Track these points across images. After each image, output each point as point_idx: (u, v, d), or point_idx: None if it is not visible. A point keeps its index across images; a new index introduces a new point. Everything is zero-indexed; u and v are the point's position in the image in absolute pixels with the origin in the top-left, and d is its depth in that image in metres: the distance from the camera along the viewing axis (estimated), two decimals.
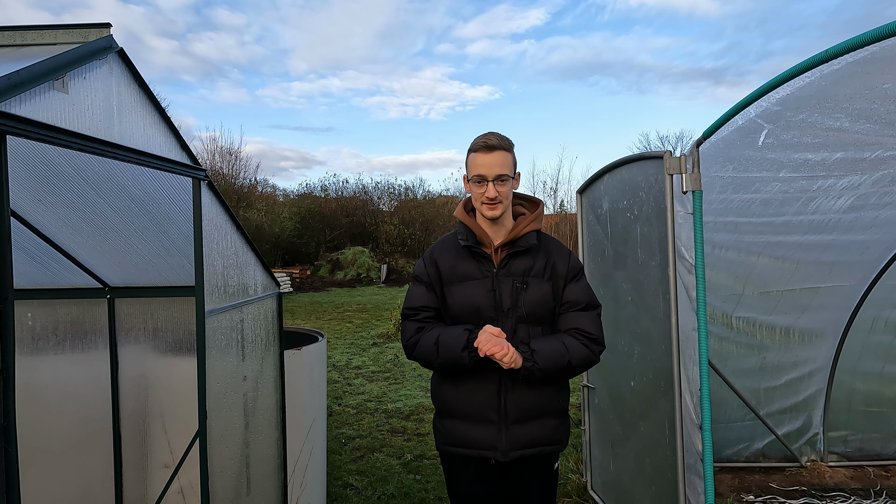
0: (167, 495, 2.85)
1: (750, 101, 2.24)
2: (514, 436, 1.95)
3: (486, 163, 1.91)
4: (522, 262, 1.99)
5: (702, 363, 2.50)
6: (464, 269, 2.00)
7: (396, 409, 6.01)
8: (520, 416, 1.96)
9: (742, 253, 3.69)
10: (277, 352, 2.93)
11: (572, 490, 3.84)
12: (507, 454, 1.95)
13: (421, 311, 2.02)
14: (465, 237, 2.01)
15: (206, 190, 2.15)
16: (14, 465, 1.19)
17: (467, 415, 1.98)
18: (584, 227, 3.64)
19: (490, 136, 1.93)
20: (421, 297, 2.03)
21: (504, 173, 1.91)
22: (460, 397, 1.99)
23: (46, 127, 1.33)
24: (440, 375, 2.07)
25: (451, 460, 2.08)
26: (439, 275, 2.02)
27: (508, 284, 1.96)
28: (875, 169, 2.87)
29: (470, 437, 1.98)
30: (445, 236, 2.13)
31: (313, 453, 3.38)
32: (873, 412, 4.26)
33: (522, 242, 1.99)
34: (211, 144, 23.61)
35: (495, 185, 1.91)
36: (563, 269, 2.01)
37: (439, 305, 2.04)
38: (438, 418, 2.09)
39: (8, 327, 1.18)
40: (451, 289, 2.01)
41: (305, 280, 19.53)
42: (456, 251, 2.03)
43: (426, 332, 1.97)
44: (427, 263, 2.05)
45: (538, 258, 2.00)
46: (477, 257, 2.00)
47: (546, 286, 1.98)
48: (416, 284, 2.07)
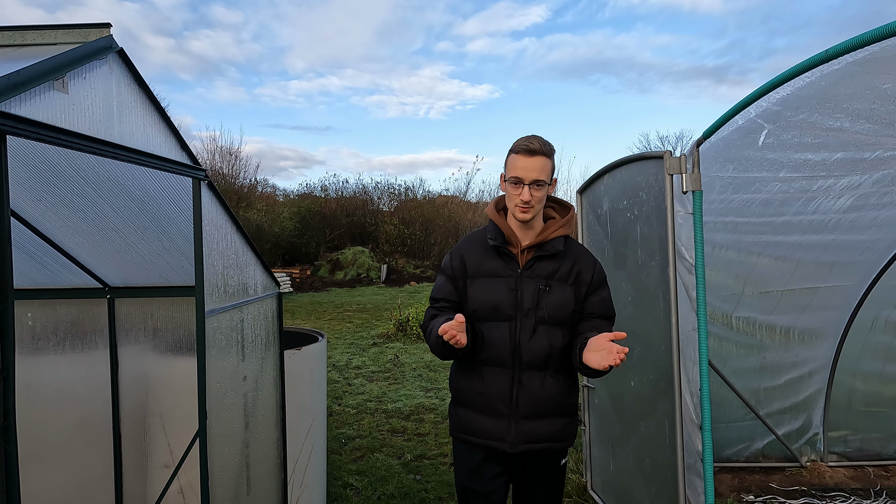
0: (167, 495, 2.84)
1: (750, 101, 2.24)
2: (523, 430, 2.00)
3: (526, 166, 1.93)
4: (548, 266, 2.02)
5: (702, 363, 2.50)
6: (489, 265, 2.05)
7: (396, 409, 6.01)
8: (530, 411, 2.00)
9: (742, 253, 3.69)
10: (277, 352, 2.93)
11: (572, 490, 3.84)
12: (515, 447, 2.01)
13: (440, 300, 2.10)
14: (493, 236, 2.05)
15: (206, 190, 2.15)
16: (14, 465, 1.19)
17: (479, 406, 2.05)
18: (584, 227, 3.64)
19: (533, 140, 1.95)
20: (441, 289, 2.11)
21: (541, 179, 1.94)
22: (474, 388, 2.05)
23: (46, 127, 1.33)
24: (457, 364, 2.15)
25: (461, 447, 2.16)
26: (465, 269, 2.08)
27: (532, 286, 2.00)
28: (875, 169, 2.87)
29: (481, 427, 2.05)
30: (474, 232, 2.18)
31: (313, 453, 3.38)
32: (873, 412, 4.26)
33: (549, 247, 2.02)
34: (211, 144, 23.62)
35: (531, 190, 1.93)
36: (587, 276, 2.05)
37: (458, 299, 2.09)
38: (453, 406, 2.18)
39: (8, 327, 1.18)
40: (474, 283, 2.06)
41: (305, 280, 19.53)
42: (484, 248, 2.08)
43: (434, 320, 2.04)
44: (453, 257, 2.12)
45: (564, 263, 2.04)
46: (503, 256, 2.05)
47: (569, 290, 2.02)
48: (441, 276, 2.15)
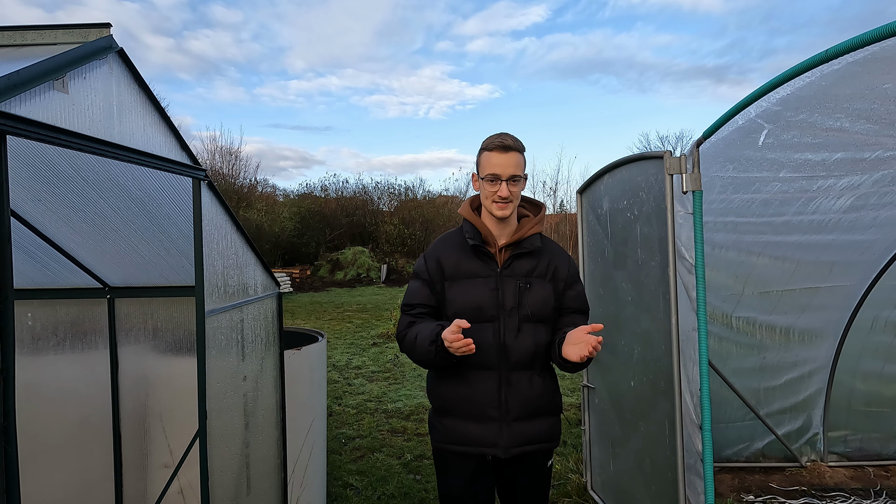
0: (167, 495, 2.84)
1: (750, 101, 2.24)
2: (516, 433, 1.97)
3: (501, 162, 1.94)
4: (526, 264, 2.02)
5: (702, 363, 2.50)
6: (468, 266, 2.02)
7: (396, 409, 6.01)
8: (521, 412, 1.98)
9: (742, 253, 3.69)
10: (277, 352, 2.93)
11: (572, 490, 3.84)
12: (508, 451, 1.97)
13: (417, 307, 2.04)
14: (472, 235, 2.03)
15: (206, 190, 2.15)
16: (14, 465, 1.19)
17: (467, 412, 1.99)
18: (584, 227, 3.64)
19: (506, 137, 1.97)
20: (417, 294, 2.04)
21: (517, 174, 1.96)
22: (460, 394, 1.99)
23: (46, 127, 1.33)
24: (437, 373, 2.07)
25: (446, 458, 2.08)
26: (441, 272, 2.03)
27: (512, 284, 1.99)
28: (875, 169, 2.87)
29: (471, 434, 1.98)
30: (448, 233, 2.14)
31: (313, 453, 3.38)
32: (873, 412, 4.26)
33: (527, 244, 2.02)
34: (211, 144, 23.63)
35: (508, 185, 1.94)
36: (563, 272, 2.07)
37: (436, 303, 2.04)
38: (436, 416, 2.09)
39: (8, 327, 1.18)
40: (453, 285, 2.02)
41: (305, 280, 19.53)
42: (461, 249, 2.05)
43: (413, 328, 1.98)
44: (428, 260, 2.06)
45: (541, 260, 2.04)
46: (482, 256, 2.02)
47: (548, 287, 2.03)
48: (416, 280, 2.08)
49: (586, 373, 3.69)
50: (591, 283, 3.53)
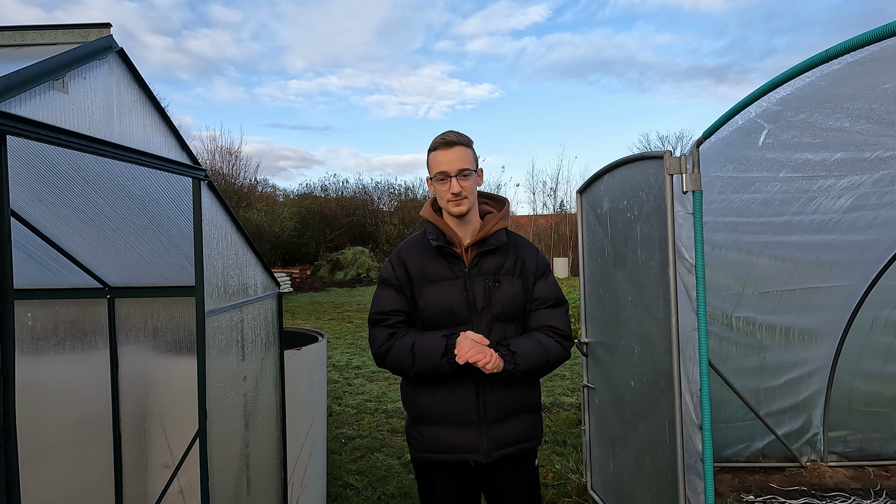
0: (167, 495, 2.85)
1: (750, 101, 2.24)
2: (495, 436, 1.94)
3: (448, 158, 1.90)
4: (493, 261, 1.98)
5: (702, 363, 2.50)
6: (435, 269, 1.97)
7: (396, 409, 6.01)
8: (499, 415, 1.94)
9: (742, 253, 3.69)
10: (277, 352, 2.93)
11: (572, 490, 3.84)
12: (490, 455, 1.93)
13: (391, 315, 1.97)
14: (435, 237, 1.97)
15: (206, 190, 2.15)
16: (14, 465, 1.19)
17: (446, 419, 1.94)
18: (584, 227, 3.64)
19: (448, 134, 1.94)
20: (390, 301, 1.97)
21: (466, 167, 1.90)
22: (437, 401, 1.95)
23: (46, 127, 1.33)
24: (413, 381, 2.01)
25: (426, 468, 2.04)
26: (409, 277, 1.98)
27: (481, 283, 1.95)
28: (875, 169, 2.87)
29: (450, 441, 1.94)
30: (412, 237, 2.10)
31: (313, 453, 3.38)
32: (873, 412, 4.26)
33: (492, 241, 1.98)
34: (210, 144, 23.66)
35: (458, 180, 1.90)
36: (532, 266, 2.02)
37: (409, 309, 1.99)
38: (413, 425, 2.03)
39: (8, 327, 1.18)
40: (422, 290, 1.97)
41: (305, 280, 19.53)
42: (425, 252, 2.00)
43: (399, 339, 1.91)
44: (395, 266, 2.00)
45: (508, 256, 2.00)
46: (448, 257, 1.97)
47: (517, 283, 1.99)
48: (385, 288, 2.01)
49: (586, 373, 3.69)
50: (591, 283, 3.53)
